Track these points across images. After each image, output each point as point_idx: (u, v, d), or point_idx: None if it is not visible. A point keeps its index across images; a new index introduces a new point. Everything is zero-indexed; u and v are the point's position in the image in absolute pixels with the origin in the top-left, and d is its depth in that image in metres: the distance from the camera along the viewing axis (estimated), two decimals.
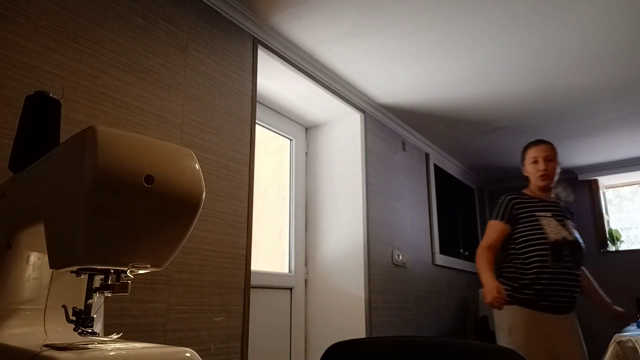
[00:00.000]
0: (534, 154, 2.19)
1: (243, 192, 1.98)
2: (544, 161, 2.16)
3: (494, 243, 2.13)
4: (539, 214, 2.12)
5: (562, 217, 2.15)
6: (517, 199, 2.19)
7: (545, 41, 2.36)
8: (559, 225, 2.09)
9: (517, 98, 3.02)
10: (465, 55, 2.48)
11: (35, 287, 0.85)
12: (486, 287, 1.97)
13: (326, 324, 2.76)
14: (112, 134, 0.65)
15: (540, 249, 2.04)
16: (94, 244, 0.65)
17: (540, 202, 2.17)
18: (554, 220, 2.10)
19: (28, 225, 0.83)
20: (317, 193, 2.98)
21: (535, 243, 2.07)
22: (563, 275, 2.02)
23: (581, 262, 2.11)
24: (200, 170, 0.74)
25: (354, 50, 2.43)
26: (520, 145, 3.86)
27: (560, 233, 2.06)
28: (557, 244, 2.03)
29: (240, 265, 1.91)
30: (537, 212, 2.13)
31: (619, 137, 3.72)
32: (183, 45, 1.84)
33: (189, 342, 1.65)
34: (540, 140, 2.24)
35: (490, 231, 2.17)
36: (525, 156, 2.24)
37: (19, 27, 1.34)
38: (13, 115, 1.28)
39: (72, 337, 0.75)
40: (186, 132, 1.78)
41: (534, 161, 2.18)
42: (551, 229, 2.07)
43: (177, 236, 0.73)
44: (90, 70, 1.50)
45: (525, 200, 2.18)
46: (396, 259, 3.06)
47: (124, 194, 0.64)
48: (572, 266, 2.04)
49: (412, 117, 3.31)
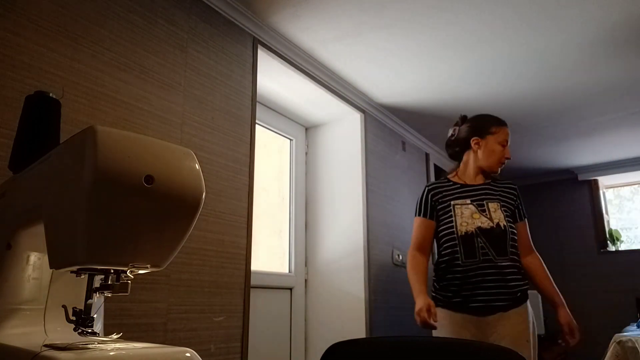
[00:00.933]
0: (505, 136, 1.87)
1: (243, 192, 1.98)
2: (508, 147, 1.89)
3: (422, 242, 1.86)
4: (454, 202, 1.83)
5: (488, 200, 1.82)
6: (436, 188, 1.90)
7: (546, 41, 2.36)
8: (477, 212, 1.78)
9: (518, 98, 3.02)
10: (466, 55, 2.48)
11: (35, 287, 0.85)
12: (416, 305, 1.69)
13: (326, 324, 2.76)
14: (112, 134, 0.65)
15: (450, 245, 1.78)
16: (94, 244, 0.65)
17: (461, 188, 1.87)
18: (471, 206, 1.80)
19: (28, 225, 0.83)
20: (317, 193, 2.98)
21: (446, 239, 1.80)
22: (483, 270, 1.71)
23: (509, 249, 1.75)
24: (200, 170, 0.74)
25: (354, 50, 2.43)
26: (520, 145, 3.82)
27: (474, 222, 1.76)
28: (467, 237, 1.74)
29: (240, 265, 1.91)
30: (453, 199, 1.84)
31: (619, 137, 3.72)
32: (183, 45, 1.84)
33: (189, 342, 1.65)
34: (505, 122, 1.93)
35: (415, 230, 1.91)
36: (493, 132, 1.87)
37: (19, 27, 1.34)
38: (13, 115, 1.28)
39: (72, 337, 0.75)
40: (186, 132, 1.78)
41: (503, 143, 1.86)
42: (463, 220, 1.78)
43: (177, 236, 0.73)
44: (90, 70, 1.50)
45: (445, 188, 1.89)
46: (396, 259, 3.06)
47: (124, 194, 0.64)
48: (493, 258, 1.71)
49: (412, 117, 3.31)
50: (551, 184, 4.61)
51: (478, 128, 1.90)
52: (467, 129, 1.93)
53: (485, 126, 1.90)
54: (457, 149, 1.97)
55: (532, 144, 3.85)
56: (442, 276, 1.81)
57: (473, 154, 1.90)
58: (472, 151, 1.90)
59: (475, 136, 1.89)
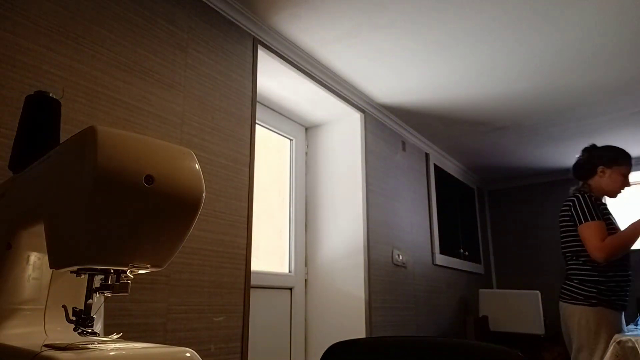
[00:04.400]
0: (629, 169, 2.24)
1: (243, 192, 1.98)
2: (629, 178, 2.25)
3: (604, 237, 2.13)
4: (612, 217, 2.21)
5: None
6: (598, 200, 2.22)
7: (546, 41, 2.36)
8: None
9: (518, 98, 3.02)
10: (466, 55, 2.48)
11: (35, 287, 0.85)
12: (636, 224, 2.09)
13: (326, 324, 2.76)
14: (112, 134, 0.65)
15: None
16: (94, 244, 0.65)
17: (604, 205, 2.24)
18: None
19: (28, 225, 0.83)
20: (317, 193, 2.98)
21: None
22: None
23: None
24: (200, 170, 0.74)
25: (354, 50, 2.43)
26: (520, 145, 3.83)
27: None
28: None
29: (240, 265, 1.91)
30: (610, 215, 2.22)
31: (619, 137, 3.72)
32: (183, 45, 1.84)
33: (189, 342, 1.65)
34: (630, 155, 2.28)
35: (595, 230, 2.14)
36: (620, 165, 2.23)
37: (19, 27, 1.34)
38: (13, 115, 1.28)
39: (72, 337, 0.75)
40: (186, 132, 1.78)
41: (626, 175, 2.23)
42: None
43: (177, 236, 0.73)
44: (90, 70, 1.50)
45: (598, 202, 2.22)
46: (396, 259, 3.06)
47: (124, 194, 0.64)
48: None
49: (412, 117, 3.31)
50: (551, 184, 4.61)
51: (608, 159, 2.25)
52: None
53: (614, 158, 2.25)
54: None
55: (532, 144, 3.85)
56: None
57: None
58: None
59: (603, 166, 2.25)
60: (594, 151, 2.30)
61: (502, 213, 4.89)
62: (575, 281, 2.14)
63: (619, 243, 2.06)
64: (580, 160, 2.33)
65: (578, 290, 2.11)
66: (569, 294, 2.14)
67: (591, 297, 2.07)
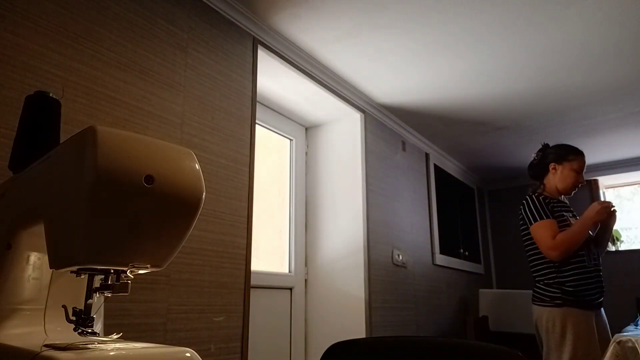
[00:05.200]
0: (581, 165, 2.21)
1: (243, 192, 1.98)
2: (583, 174, 2.23)
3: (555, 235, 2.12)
4: (566, 214, 2.17)
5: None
6: (547, 198, 2.19)
7: (547, 41, 2.36)
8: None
9: (518, 98, 3.02)
10: (466, 55, 2.48)
11: (35, 287, 0.85)
12: (588, 212, 2.05)
13: (326, 324, 2.76)
14: (112, 134, 0.65)
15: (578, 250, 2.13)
16: (94, 244, 0.65)
17: (560, 202, 2.22)
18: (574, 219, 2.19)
19: (28, 225, 0.83)
20: (317, 193, 2.98)
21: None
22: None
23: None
24: (200, 170, 0.74)
25: (354, 50, 2.43)
26: (520, 145, 3.83)
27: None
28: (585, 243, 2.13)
29: (240, 265, 1.91)
30: (564, 212, 2.18)
31: (619, 137, 3.72)
32: (183, 45, 1.84)
33: (189, 342, 1.65)
34: (582, 152, 2.25)
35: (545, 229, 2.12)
36: (571, 160, 2.22)
37: (19, 27, 1.34)
38: (13, 115, 1.28)
39: (72, 337, 0.75)
40: (186, 132, 1.78)
41: (578, 171, 2.20)
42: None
43: (177, 236, 0.73)
44: (90, 70, 1.50)
45: (553, 201, 2.20)
46: (396, 259, 3.06)
47: (124, 194, 0.64)
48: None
49: (412, 117, 3.31)
50: None
51: (556, 157, 2.25)
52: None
53: (562, 155, 2.24)
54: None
55: (532, 144, 3.84)
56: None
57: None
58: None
59: (553, 163, 2.24)
60: (546, 150, 2.31)
61: (502, 213, 4.89)
62: (541, 283, 2.14)
63: (569, 238, 2.04)
64: (534, 159, 2.34)
65: (545, 292, 2.10)
66: (538, 296, 2.14)
67: (556, 298, 2.06)
